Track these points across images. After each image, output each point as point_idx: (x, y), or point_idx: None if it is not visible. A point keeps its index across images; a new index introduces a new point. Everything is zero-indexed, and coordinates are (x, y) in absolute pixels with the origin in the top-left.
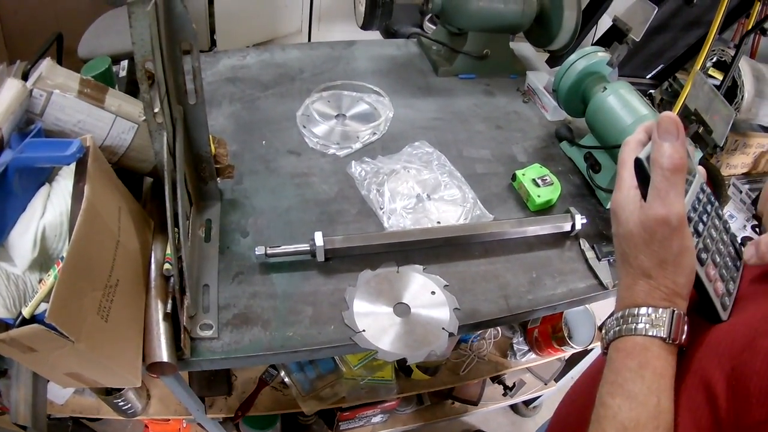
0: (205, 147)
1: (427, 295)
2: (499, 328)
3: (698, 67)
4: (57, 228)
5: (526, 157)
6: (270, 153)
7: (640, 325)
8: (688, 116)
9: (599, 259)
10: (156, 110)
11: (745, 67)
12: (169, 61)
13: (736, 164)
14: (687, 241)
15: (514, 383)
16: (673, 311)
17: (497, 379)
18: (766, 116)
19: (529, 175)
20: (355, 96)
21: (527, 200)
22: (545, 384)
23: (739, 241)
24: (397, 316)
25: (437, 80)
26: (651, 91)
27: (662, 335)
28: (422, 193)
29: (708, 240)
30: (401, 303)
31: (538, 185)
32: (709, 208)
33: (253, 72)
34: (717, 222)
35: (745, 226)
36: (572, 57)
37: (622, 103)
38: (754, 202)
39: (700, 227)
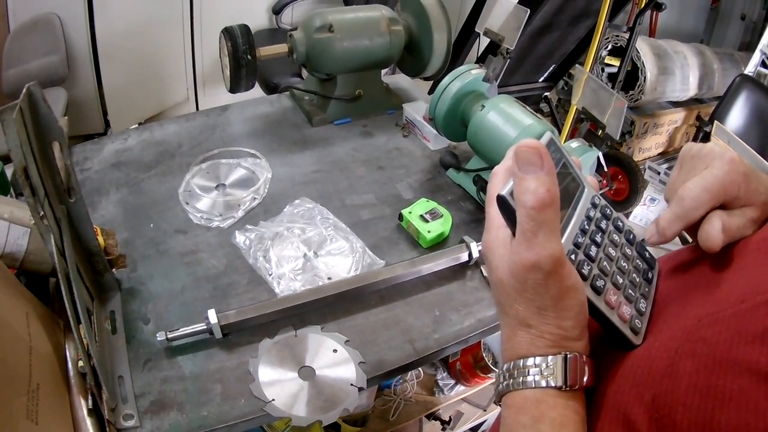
0: (92, 241)
1: (329, 354)
2: (419, 368)
3: (590, 60)
4: None
5: (412, 194)
6: (159, 235)
7: (530, 378)
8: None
9: None
10: (41, 213)
11: (644, 47)
12: (42, 162)
13: (649, 146)
14: (568, 280)
15: (450, 417)
16: (566, 356)
17: (432, 416)
18: (674, 91)
19: (416, 211)
20: (233, 163)
21: (418, 238)
22: (485, 410)
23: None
24: (303, 380)
25: (313, 131)
26: (546, 93)
27: (556, 384)
28: (308, 251)
29: (605, 263)
30: (305, 366)
31: (426, 221)
32: (603, 224)
33: (135, 154)
34: (616, 237)
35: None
36: (445, 80)
37: (504, 117)
38: None
39: (593, 251)
